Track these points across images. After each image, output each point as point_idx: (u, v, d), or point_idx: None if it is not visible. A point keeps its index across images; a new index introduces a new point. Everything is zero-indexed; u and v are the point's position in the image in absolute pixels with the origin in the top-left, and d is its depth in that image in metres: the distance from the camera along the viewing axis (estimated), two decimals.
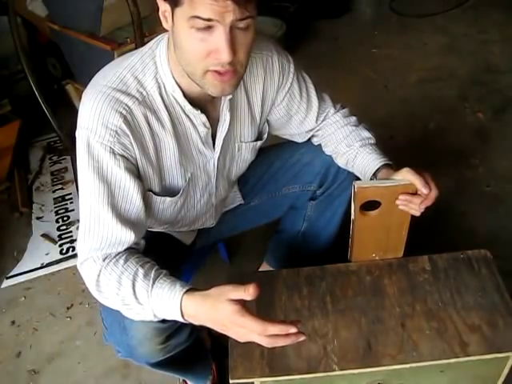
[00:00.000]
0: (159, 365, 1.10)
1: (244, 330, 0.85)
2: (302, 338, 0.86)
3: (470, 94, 2.54)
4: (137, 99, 0.96)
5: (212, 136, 1.08)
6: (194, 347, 1.18)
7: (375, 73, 2.80)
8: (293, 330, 0.84)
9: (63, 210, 2.14)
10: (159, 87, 0.98)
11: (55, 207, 2.16)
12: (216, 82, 0.91)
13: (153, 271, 0.93)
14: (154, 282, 0.91)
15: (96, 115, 0.93)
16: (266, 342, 0.85)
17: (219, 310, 0.85)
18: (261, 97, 1.13)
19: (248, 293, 0.83)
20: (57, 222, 2.09)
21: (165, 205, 1.10)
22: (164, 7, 0.89)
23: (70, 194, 2.22)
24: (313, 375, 1.01)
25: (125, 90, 0.95)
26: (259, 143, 1.20)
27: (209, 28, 0.84)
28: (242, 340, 0.88)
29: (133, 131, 0.96)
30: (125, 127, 0.94)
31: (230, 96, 1.04)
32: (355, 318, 1.09)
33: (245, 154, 1.18)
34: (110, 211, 0.95)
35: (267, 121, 1.21)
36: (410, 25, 3.23)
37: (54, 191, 2.26)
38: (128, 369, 1.53)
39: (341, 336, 1.06)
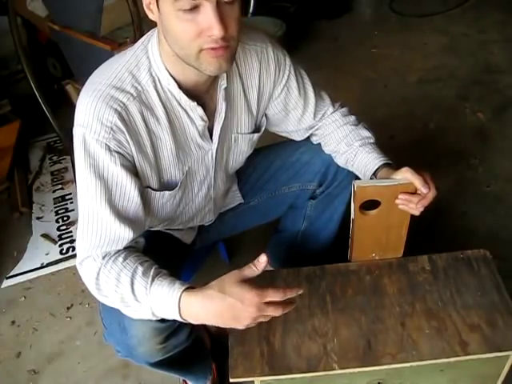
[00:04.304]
0: (159, 365, 1.10)
1: (259, 306, 0.86)
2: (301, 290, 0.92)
3: (470, 93, 2.54)
4: (131, 95, 0.96)
5: (209, 128, 1.07)
6: (193, 347, 1.17)
7: (375, 73, 2.80)
8: (301, 291, 0.91)
9: (63, 210, 2.15)
10: (154, 81, 0.98)
11: (55, 207, 2.17)
12: (212, 59, 0.90)
13: (152, 269, 0.93)
14: (153, 280, 0.91)
15: (91, 112, 0.93)
16: (282, 310, 0.88)
17: (231, 293, 0.87)
18: (257, 88, 1.13)
19: (258, 263, 0.89)
20: (57, 222, 2.09)
21: (164, 199, 1.10)
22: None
23: (70, 194, 2.22)
24: (313, 374, 1.01)
25: (119, 86, 0.95)
26: (256, 136, 1.20)
27: (195, 8, 0.84)
28: (254, 319, 0.88)
29: (128, 128, 0.96)
30: (120, 124, 0.94)
31: (225, 85, 1.04)
32: (355, 318, 1.09)
33: (241, 145, 1.18)
34: (108, 208, 0.95)
35: (265, 115, 1.21)
36: (410, 25, 3.23)
37: (54, 191, 2.26)
38: (128, 369, 1.53)
39: (341, 335, 1.06)
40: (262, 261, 0.88)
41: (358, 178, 1.22)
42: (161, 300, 0.89)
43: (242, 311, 0.87)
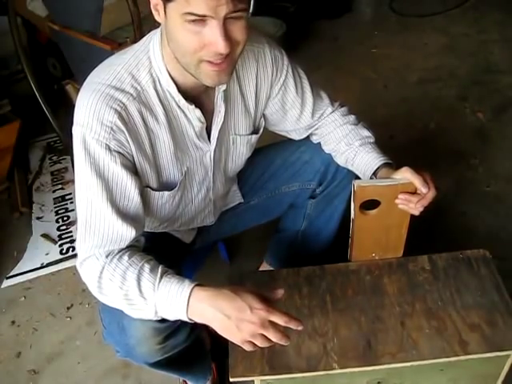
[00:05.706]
0: (158, 365, 1.10)
1: (264, 321, 0.86)
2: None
3: (469, 94, 2.54)
4: (131, 95, 0.96)
5: (207, 128, 1.08)
6: (192, 347, 1.17)
7: (375, 73, 2.80)
8: (300, 327, 0.89)
9: (63, 210, 2.14)
10: (154, 81, 0.99)
11: (55, 207, 2.17)
12: (211, 72, 0.91)
13: (160, 267, 0.94)
14: (161, 277, 0.91)
15: (91, 112, 0.93)
16: (279, 338, 0.87)
17: (243, 297, 0.87)
18: (254, 89, 1.13)
19: (275, 293, 0.92)
20: (57, 222, 2.09)
21: (163, 200, 1.10)
22: (156, 0, 0.89)
23: (70, 193, 2.22)
24: (313, 373, 1.01)
25: (119, 87, 0.96)
26: (254, 137, 1.20)
27: (202, 21, 0.84)
28: (253, 334, 0.87)
29: (128, 128, 0.96)
30: (120, 124, 0.94)
31: (224, 87, 1.04)
32: (355, 317, 1.09)
33: (240, 147, 1.18)
34: (110, 207, 0.96)
35: (264, 115, 1.21)
36: (410, 25, 3.23)
37: (54, 191, 2.26)
38: (128, 369, 1.53)
39: (341, 335, 1.06)
40: (278, 292, 0.93)
41: (357, 177, 1.22)
42: (169, 296, 0.89)
43: (247, 317, 0.86)
